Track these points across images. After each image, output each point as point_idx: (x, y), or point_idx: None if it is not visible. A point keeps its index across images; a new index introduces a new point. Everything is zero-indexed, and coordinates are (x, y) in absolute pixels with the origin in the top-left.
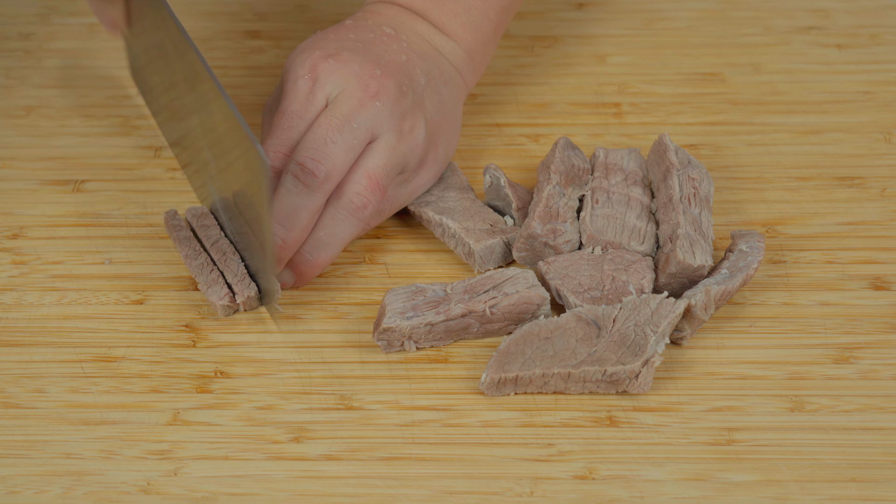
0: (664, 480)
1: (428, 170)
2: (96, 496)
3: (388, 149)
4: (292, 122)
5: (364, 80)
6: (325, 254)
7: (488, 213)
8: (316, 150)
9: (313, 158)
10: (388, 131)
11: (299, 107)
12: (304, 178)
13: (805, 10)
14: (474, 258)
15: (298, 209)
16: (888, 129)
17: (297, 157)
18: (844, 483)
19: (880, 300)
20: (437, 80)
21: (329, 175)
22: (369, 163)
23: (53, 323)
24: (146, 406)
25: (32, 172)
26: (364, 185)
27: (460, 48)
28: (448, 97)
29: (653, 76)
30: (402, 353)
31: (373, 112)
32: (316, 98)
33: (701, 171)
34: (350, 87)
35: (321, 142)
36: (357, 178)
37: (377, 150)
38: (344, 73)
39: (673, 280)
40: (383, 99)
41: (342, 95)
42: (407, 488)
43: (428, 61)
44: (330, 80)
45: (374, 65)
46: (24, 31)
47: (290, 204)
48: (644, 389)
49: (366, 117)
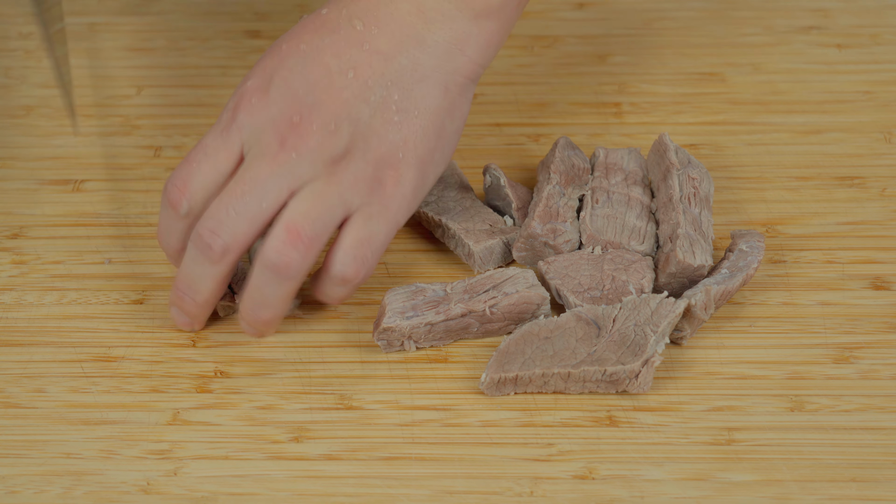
0: (664, 480)
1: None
2: (96, 496)
3: (314, 196)
4: (199, 157)
5: (280, 131)
6: (266, 313)
7: (488, 214)
8: (217, 220)
9: (212, 231)
10: (312, 181)
11: (211, 142)
12: (202, 251)
13: (805, 10)
14: (474, 259)
15: (202, 277)
16: (888, 129)
17: (198, 226)
18: (844, 483)
19: (880, 300)
20: (406, 82)
21: (228, 248)
22: (289, 214)
23: (53, 323)
24: (146, 406)
25: (32, 172)
26: (282, 239)
27: (464, 14)
28: (422, 98)
29: (653, 76)
30: (402, 353)
31: (287, 168)
32: (230, 141)
33: (701, 170)
34: (265, 141)
35: (223, 211)
36: (275, 232)
37: (299, 199)
38: (261, 121)
39: (673, 280)
40: (301, 150)
41: (255, 151)
42: (407, 488)
43: (395, 61)
44: (246, 126)
45: (298, 107)
46: (24, 31)
47: (192, 271)
48: (644, 389)
49: (279, 175)
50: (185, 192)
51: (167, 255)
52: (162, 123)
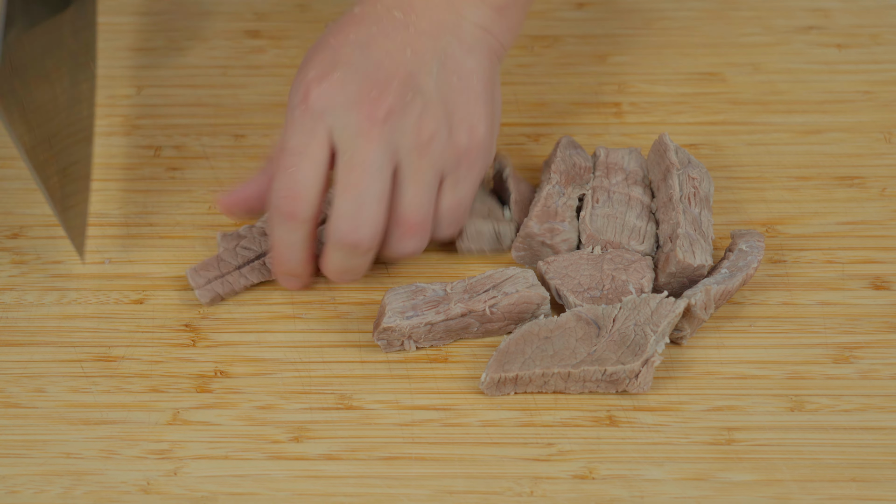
0: (664, 480)
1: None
2: (96, 496)
3: (414, 177)
4: (293, 160)
5: (366, 107)
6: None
7: (490, 200)
8: (351, 217)
9: (353, 229)
10: (408, 154)
11: (297, 141)
12: (351, 249)
13: (805, 10)
14: (463, 235)
15: (354, 268)
16: (888, 129)
17: (335, 228)
18: (844, 483)
19: (880, 300)
20: (457, 54)
21: (374, 235)
22: (401, 209)
23: (53, 323)
24: (146, 406)
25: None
26: (400, 235)
27: (487, 6)
28: (474, 68)
29: (653, 76)
30: (402, 353)
31: (386, 140)
32: (316, 132)
33: (701, 170)
34: (354, 120)
35: (353, 204)
36: (392, 229)
37: (404, 185)
38: (341, 102)
39: (673, 279)
40: (392, 120)
41: (349, 133)
42: (407, 488)
43: (442, 38)
44: (327, 112)
45: (371, 83)
46: None
47: (345, 265)
48: (644, 389)
49: (382, 150)
50: (297, 198)
51: (292, 273)
52: (162, 123)
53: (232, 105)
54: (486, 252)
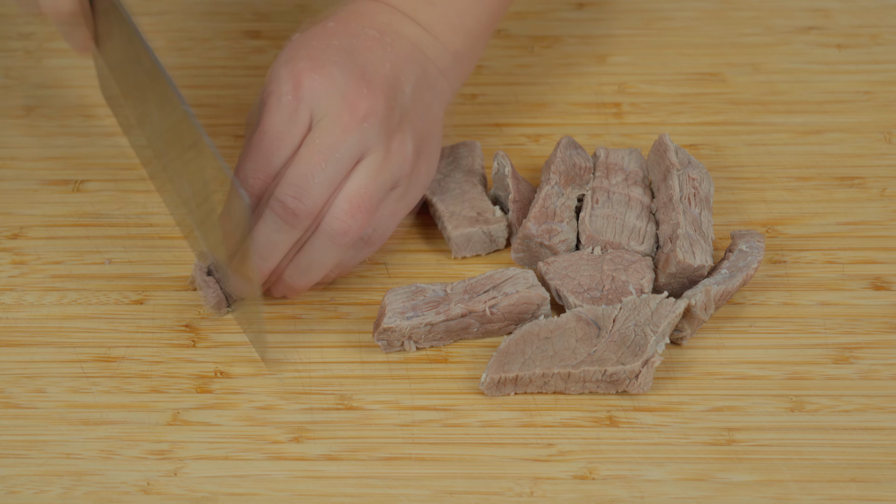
0: (664, 480)
1: (418, 182)
2: (96, 496)
3: (374, 169)
4: (273, 144)
5: (351, 100)
6: (306, 279)
7: (480, 201)
8: (298, 187)
9: (294, 197)
10: (375, 151)
11: (281, 128)
12: (284, 216)
13: (805, 10)
14: (451, 244)
15: (278, 244)
16: (888, 129)
17: (278, 193)
18: (844, 483)
19: (880, 300)
20: (422, 85)
21: (310, 213)
22: (352, 186)
23: (53, 323)
24: (146, 406)
25: (32, 172)
26: (344, 209)
27: (447, 52)
28: (431, 103)
29: (653, 76)
30: (402, 353)
31: (359, 136)
32: (299, 119)
33: (701, 171)
34: (336, 111)
35: (303, 177)
36: (338, 202)
37: (361, 171)
38: (330, 93)
39: (673, 280)
40: (371, 120)
41: (327, 120)
42: (407, 488)
43: (413, 66)
44: (314, 100)
45: (361, 81)
46: (24, 31)
47: (268, 238)
48: (644, 389)
49: (352, 143)
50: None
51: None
52: None
53: (232, 105)
54: (483, 254)
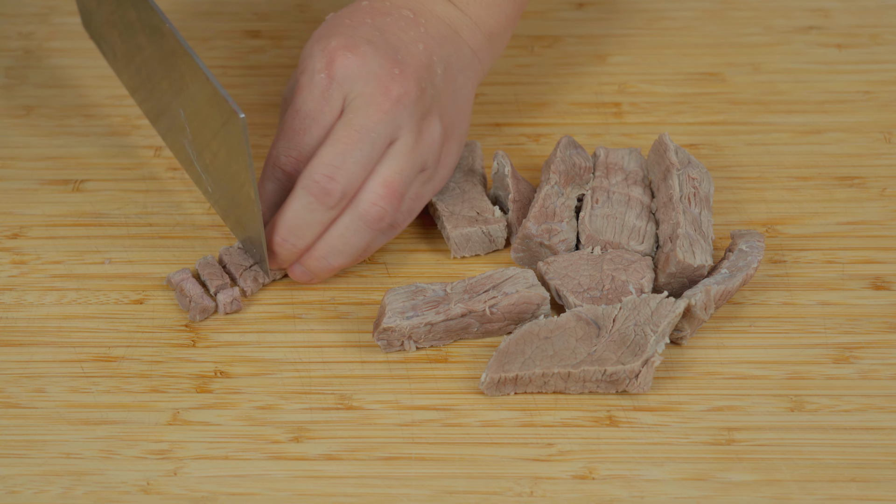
0: (664, 480)
1: (445, 164)
2: (96, 496)
3: (406, 152)
4: (305, 123)
5: (384, 82)
6: (340, 260)
7: (480, 201)
8: (333, 167)
9: (329, 177)
10: (407, 133)
11: (314, 106)
12: (318, 196)
13: (805, 10)
14: (450, 243)
15: (311, 223)
16: (888, 129)
17: (312, 172)
18: (844, 483)
19: (880, 300)
20: (455, 67)
21: (345, 193)
22: (386, 170)
23: (53, 323)
24: (146, 406)
25: (32, 172)
26: (380, 193)
27: (481, 31)
28: (463, 85)
29: (653, 76)
30: (402, 353)
31: (393, 118)
32: (332, 98)
33: (701, 170)
34: (369, 91)
35: (338, 157)
36: (374, 186)
37: (395, 154)
38: (362, 73)
39: (673, 280)
40: (404, 102)
41: (361, 101)
42: (407, 488)
43: (446, 47)
44: (347, 80)
45: (394, 62)
46: (24, 31)
47: (302, 217)
48: (644, 389)
49: (385, 124)
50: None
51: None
52: None
53: None
54: (482, 254)
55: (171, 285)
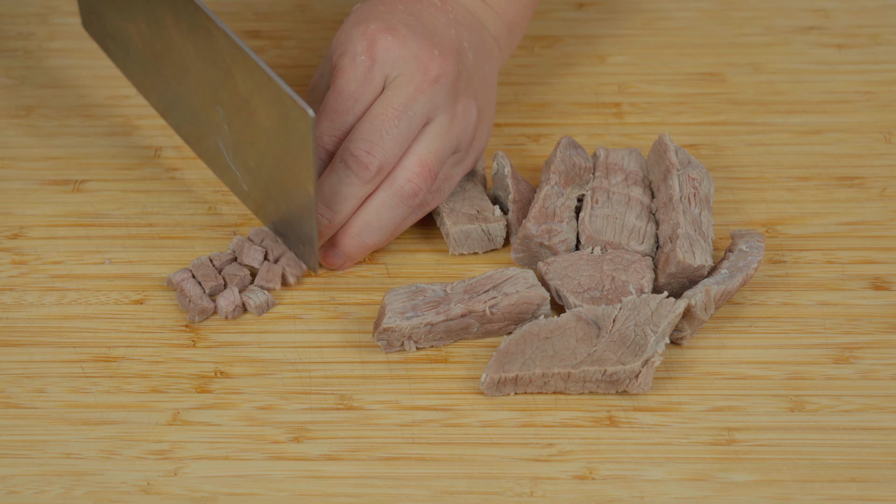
0: (664, 480)
1: (476, 147)
2: (96, 496)
3: (442, 132)
4: (347, 104)
5: (423, 62)
6: (374, 237)
7: (480, 200)
8: (371, 142)
9: (367, 151)
10: (443, 114)
11: (356, 88)
12: (356, 170)
13: (805, 10)
14: (450, 239)
15: (347, 197)
16: (888, 129)
17: (351, 146)
18: (844, 483)
19: (880, 300)
20: (481, 53)
21: (382, 168)
22: (423, 149)
23: (53, 323)
24: (146, 406)
25: (32, 172)
26: (416, 171)
27: (502, 20)
28: (489, 71)
29: (653, 76)
30: (402, 353)
31: (430, 97)
32: (374, 79)
33: (701, 170)
34: (409, 71)
35: (377, 133)
36: (409, 164)
37: (430, 134)
38: (403, 54)
39: (673, 280)
40: (442, 82)
41: (400, 80)
42: (407, 488)
43: (473, 34)
44: (388, 61)
45: (432, 44)
46: (24, 31)
47: (339, 191)
48: (644, 389)
49: (423, 103)
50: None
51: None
52: (162, 123)
53: None
54: (480, 253)
55: (171, 286)
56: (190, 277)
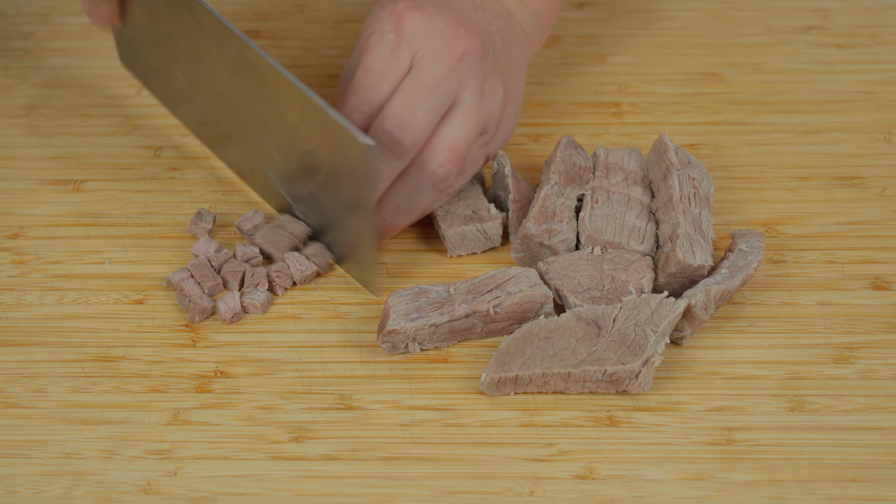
0: (664, 480)
1: (503, 131)
2: (96, 496)
3: (470, 114)
4: (376, 81)
5: (450, 40)
6: (405, 219)
7: (476, 200)
8: (403, 118)
9: (400, 127)
10: (471, 94)
11: (384, 64)
12: (390, 146)
13: (805, 10)
14: (447, 242)
15: (381, 174)
16: (888, 129)
17: (383, 123)
18: (844, 483)
19: (880, 300)
20: (509, 40)
21: (415, 143)
22: (453, 133)
23: (53, 323)
24: (146, 406)
25: (32, 172)
26: (447, 157)
27: (529, 11)
28: (517, 58)
29: (653, 76)
30: (403, 353)
31: (458, 75)
32: (401, 56)
33: (701, 170)
34: (437, 48)
35: (408, 109)
36: (441, 149)
37: (459, 117)
38: (430, 32)
39: (673, 280)
40: (469, 60)
41: (429, 57)
42: (407, 488)
43: (501, 20)
44: (416, 38)
45: (459, 23)
46: (24, 31)
47: None
48: (644, 389)
49: (452, 81)
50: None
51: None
52: (162, 123)
53: None
54: (479, 252)
55: (171, 286)
56: (189, 277)
